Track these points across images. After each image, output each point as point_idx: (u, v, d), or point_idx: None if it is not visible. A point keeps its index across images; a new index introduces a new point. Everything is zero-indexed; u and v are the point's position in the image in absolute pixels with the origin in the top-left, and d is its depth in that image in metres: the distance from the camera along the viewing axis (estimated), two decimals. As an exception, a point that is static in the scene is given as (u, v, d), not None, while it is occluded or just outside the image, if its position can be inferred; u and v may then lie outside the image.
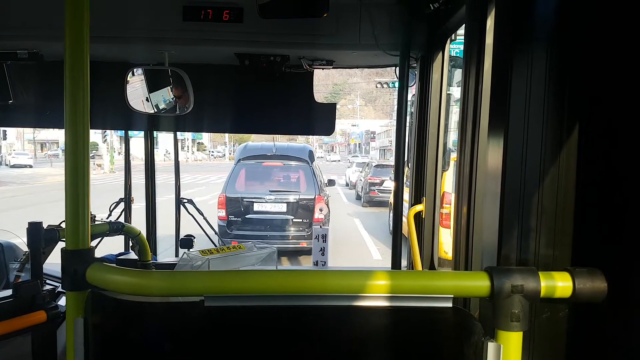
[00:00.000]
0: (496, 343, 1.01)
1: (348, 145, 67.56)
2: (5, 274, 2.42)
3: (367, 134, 56.74)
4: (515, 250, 1.20)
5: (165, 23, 2.17)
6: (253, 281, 1.06)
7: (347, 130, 67.57)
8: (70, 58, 1.08)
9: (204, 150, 60.54)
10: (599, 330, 1.07)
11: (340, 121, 72.96)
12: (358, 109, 78.39)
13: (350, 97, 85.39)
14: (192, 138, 51.87)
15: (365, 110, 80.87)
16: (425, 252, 2.39)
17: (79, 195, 1.10)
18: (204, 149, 61.32)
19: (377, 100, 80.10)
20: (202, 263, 2.03)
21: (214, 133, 47.40)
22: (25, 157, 34.80)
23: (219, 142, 67.73)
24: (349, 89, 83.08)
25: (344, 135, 70.06)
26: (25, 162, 33.12)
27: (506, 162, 1.20)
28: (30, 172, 29.10)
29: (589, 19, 1.10)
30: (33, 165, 33.57)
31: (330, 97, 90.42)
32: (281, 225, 8.21)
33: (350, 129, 65.78)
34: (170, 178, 3.91)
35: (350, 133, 65.60)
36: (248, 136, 72.54)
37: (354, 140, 62.55)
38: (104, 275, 1.07)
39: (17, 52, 2.38)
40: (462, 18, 1.81)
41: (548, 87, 1.17)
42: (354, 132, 63.39)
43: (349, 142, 66.92)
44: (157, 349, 1.14)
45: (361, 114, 76.79)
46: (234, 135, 62.30)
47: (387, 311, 1.08)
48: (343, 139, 71.35)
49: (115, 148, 48.65)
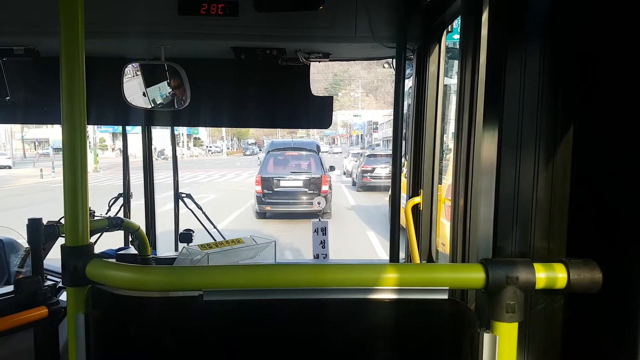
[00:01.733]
0: (492, 334, 1.03)
1: (350, 137, 64.71)
2: (7, 270, 2.43)
3: (369, 124, 54.31)
4: (510, 242, 1.21)
5: (160, 17, 2.16)
6: (251, 275, 1.07)
7: (348, 122, 65.45)
8: (66, 54, 1.08)
9: (200, 146, 59.20)
10: (594, 320, 1.08)
11: (342, 112, 70.30)
12: (360, 99, 75.38)
13: (350, 87, 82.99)
14: (187, 133, 50.69)
15: (366, 101, 78.21)
16: (423, 244, 2.40)
17: (78, 192, 1.11)
18: (200, 144, 60.11)
19: (378, 90, 78.11)
20: (202, 257, 2.04)
21: (211, 128, 46.60)
22: (4, 158, 33.13)
23: (217, 137, 65.28)
24: (349, 79, 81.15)
25: (346, 127, 67.86)
26: (3, 163, 31.47)
27: (501, 154, 1.21)
28: (5, 174, 27.09)
29: (583, 11, 1.10)
30: (12, 165, 32.06)
31: (330, 88, 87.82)
32: (299, 195, 12.03)
33: (352, 120, 63.39)
34: (167, 178, 3.86)
35: (352, 124, 63.27)
36: (246, 131, 70.56)
37: (355, 131, 59.71)
38: (104, 271, 1.08)
39: (14, 49, 2.37)
40: (458, 10, 1.80)
41: (542, 80, 1.17)
42: (356, 123, 60.85)
43: (350, 133, 64.28)
44: (157, 343, 1.16)
45: (362, 104, 74.18)
46: (231, 130, 60.92)
47: (383, 303, 1.09)
48: (344, 131, 68.89)
49: (107, 145, 46.94)
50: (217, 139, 65.64)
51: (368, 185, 17.17)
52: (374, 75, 68.12)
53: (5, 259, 2.45)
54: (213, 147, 59.71)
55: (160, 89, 2.47)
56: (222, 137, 60.22)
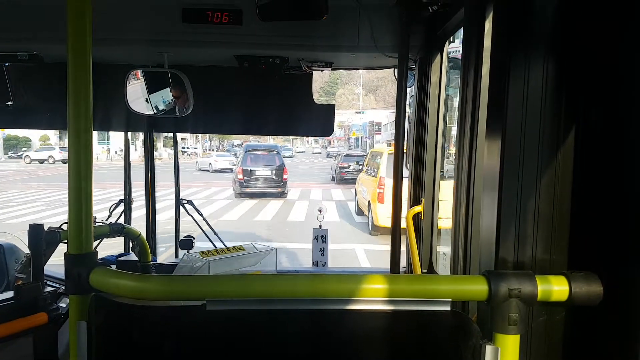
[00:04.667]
0: (494, 346, 1.03)
1: (348, 139, 56.69)
2: (7, 275, 2.43)
3: (371, 125, 47.27)
4: (512, 254, 1.21)
5: (164, 25, 2.17)
6: (254, 285, 1.07)
7: (346, 122, 57.34)
8: (73, 60, 1.08)
9: (172, 146, 49.90)
10: (595, 333, 1.08)
11: (339, 112, 63.19)
12: (361, 96, 68.15)
13: (348, 86, 79.73)
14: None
15: (365, 101, 73.22)
16: (424, 253, 2.40)
17: (82, 199, 1.11)
18: (172, 145, 51.73)
19: (378, 90, 74.36)
20: (203, 264, 2.04)
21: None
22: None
23: (200, 137, 50.82)
24: (347, 78, 77.90)
25: (343, 128, 59.64)
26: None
27: (503, 166, 1.21)
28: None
29: (586, 22, 1.11)
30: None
31: (326, 87, 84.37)
32: (269, 180, 17.60)
33: (350, 121, 55.48)
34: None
35: (351, 125, 54.98)
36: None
37: (355, 133, 51.96)
38: (107, 279, 1.08)
39: (17, 54, 2.39)
40: (461, 21, 1.82)
41: (545, 91, 1.18)
42: (355, 124, 52.79)
43: (349, 135, 56.07)
44: (159, 352, 1.16)
45: (362, 104, 67.86)
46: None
47: (385, 315, 1.09)
48: (342, 132, 60.68)
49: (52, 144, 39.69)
50: (195, 139, 51.98)
51: (344, 179, 22.13)
52: (373, 75, 65.69)
53: (5, 265, 2.45)
54: (186, 148, 49.16)
55: (163, 96, 2.49)
56: (198, 137, 48.28)
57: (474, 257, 1.46)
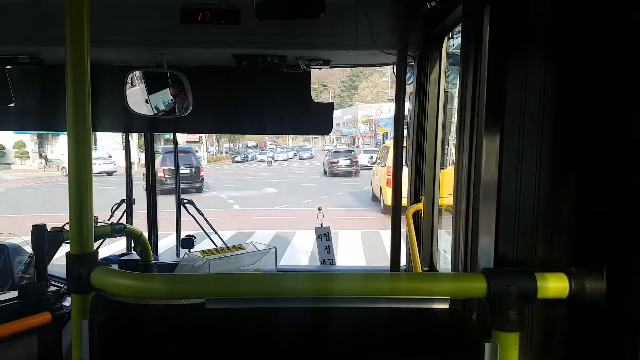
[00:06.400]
0: (493, 344, 1.02)
1: (374, 135, 48.97)
2: (11, 275, 2.45)
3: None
4: (512, 251, 1.21)
5: (163, 26, 2.18)
6: (254, 284, 1.08)
7: (372, 117, 50.54)
8: (72, 62, 1.09)
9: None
10: (596, 331, 1.08)
11: (363, 105, 58.79)
12: (389, 83, 55.55)
13: (372, 77, 72.33)
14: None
15: (389, 94, 69.76)
16: (424, 251, 2.40)
17: (83, 200, 1.12)
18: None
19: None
20: (203, 263, 2.05)
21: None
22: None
23: (215, 138, 47.84)
24: (370, 69, 72.34)
25: (369, 123, 52.38)
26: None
27: (502, 162, 1.21)
28: None
29: (584, 18, 1.11)
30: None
31: (348, 82, 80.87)
32: (185, 179, 17.49)
33: (379, 114, 48.52)
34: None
35: (377, 120, 47.88)
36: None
37: (383, 128, 44.27)
38: (108, 278, 1.09)
39: (18, 57, 2.40)
40: (459, 17, 1.81)
41: (544, 87, 1.17)
42: (384, 119, 44.58)
43: (375, 131, 48.92)
44: (160, 350, 1.17)
45: (391, 93, 62.09)
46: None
47: (384, 313, 1.09)
48: (367, 128, 53.43)
49: (28, 152, 35.61)
50: (215, 140, 48.47)
51: (334, 172, 25.09)
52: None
53: (10, 265, 2.47)
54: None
55: (162, 96, 2.49)
56: (201, 137, 40.67)
57: (473, 255, 1.46)
